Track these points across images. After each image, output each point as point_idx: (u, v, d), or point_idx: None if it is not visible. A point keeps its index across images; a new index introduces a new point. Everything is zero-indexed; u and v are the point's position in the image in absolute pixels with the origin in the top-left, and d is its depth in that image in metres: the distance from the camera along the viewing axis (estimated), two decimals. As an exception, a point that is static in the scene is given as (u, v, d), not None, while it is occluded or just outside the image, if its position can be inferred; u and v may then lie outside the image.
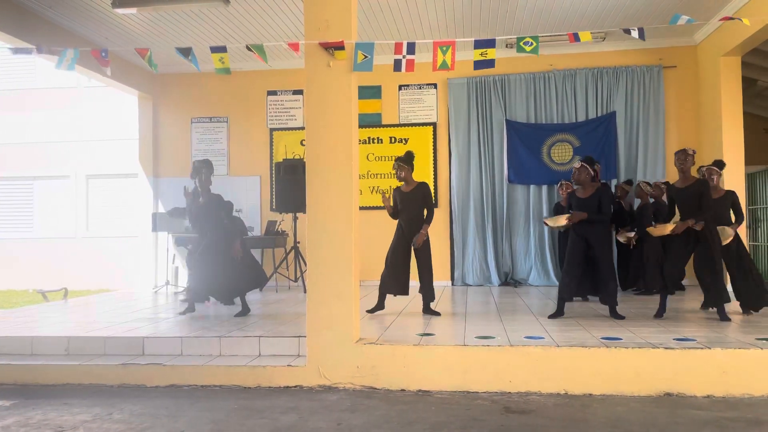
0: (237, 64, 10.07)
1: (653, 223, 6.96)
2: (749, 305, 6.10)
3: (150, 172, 10.32)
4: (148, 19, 8.09)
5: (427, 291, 6.40)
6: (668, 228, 5.70)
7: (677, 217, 5.93)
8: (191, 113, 10.34)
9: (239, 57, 9.77)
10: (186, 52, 5.15)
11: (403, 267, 6.38)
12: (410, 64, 4.92)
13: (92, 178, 13.47)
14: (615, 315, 5.89)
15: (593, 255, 5.88)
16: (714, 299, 5.79)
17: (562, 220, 6.02)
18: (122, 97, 11.60)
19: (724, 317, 5.69)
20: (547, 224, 6.59)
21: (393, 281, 6.37)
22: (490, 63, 4.84)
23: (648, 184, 7.92)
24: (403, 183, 6.42)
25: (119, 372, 4.89)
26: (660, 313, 5.87)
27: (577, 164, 6.01)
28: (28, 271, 13.11)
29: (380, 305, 6.49)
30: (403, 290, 6.42)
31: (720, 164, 6.45)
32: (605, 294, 5.95)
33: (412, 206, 6.35)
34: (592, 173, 5.96)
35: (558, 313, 5.98)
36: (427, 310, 6.45)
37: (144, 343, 5.27)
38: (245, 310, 6.51)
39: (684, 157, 5.76)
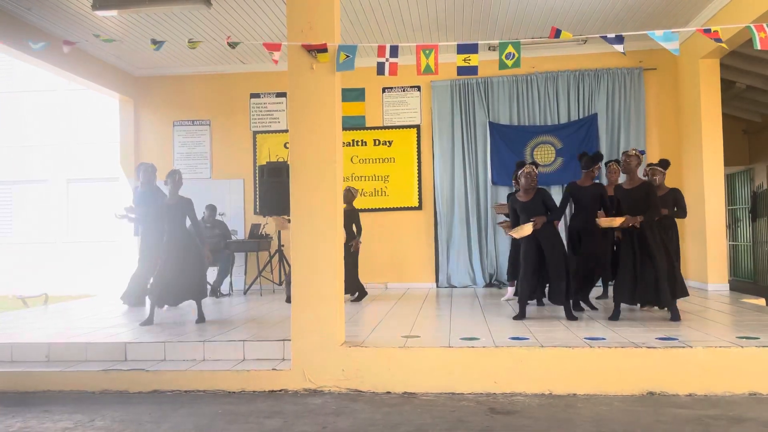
0: (219, 66, 10.03)
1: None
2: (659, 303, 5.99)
3: (131, 175, 10.20)
4: (129, 21, 8.01)
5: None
6: (617, 221, 5.65)
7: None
8: (173, 116, 10.26)
9: (222, 59, 9.73)
10: (158, 43, 5.19)
11: None
12: (393, 68, 4.92)
13: (72, 182, 13.32)
14: (570, 316, 5.86)
15: (545, 256, 5.92)
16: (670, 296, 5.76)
17: (527, 229, 5.87)
18: (103, 100, 11.51)
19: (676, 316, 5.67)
20: (512, 236, 6.13)
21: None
22: (473, 70, 4.84)
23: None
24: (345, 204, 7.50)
25: (101, 378, 4.83)
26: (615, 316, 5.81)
27: (527, 168, 6.07)
28: (7, 276, 12.93)
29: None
30: None
31: (664, 163, 6.54)
32: (557, 294, 5.92)
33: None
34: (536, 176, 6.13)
35: (521, 315, 5.97)
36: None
37: (126, 348, 5.21)
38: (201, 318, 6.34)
39: (626, 158, 5.78)
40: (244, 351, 5.11)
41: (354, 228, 7.73)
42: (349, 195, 7.76)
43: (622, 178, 6.74)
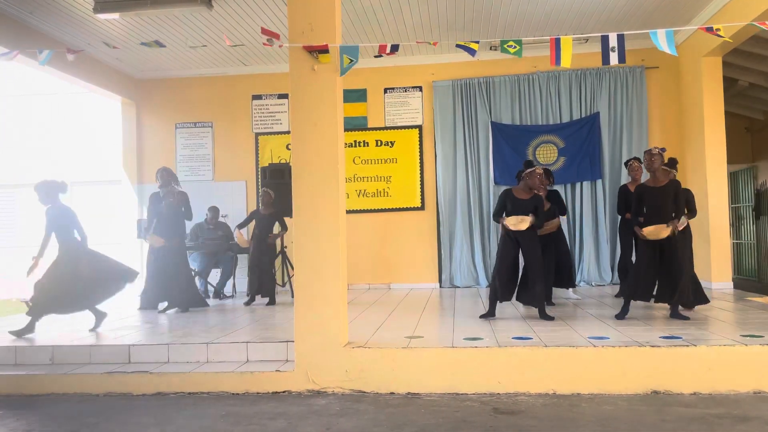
0: (221, 68, 10.05)
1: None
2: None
3: (134, 178, 10.24)
4: (131, 24, 8.03)
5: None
6: (666, 231, 5.59)
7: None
8: (175, 119, 10.27)
9: (223, 61, 9.74)
10: (157, 44, 5.23)
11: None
12: (392, 51, 5.05)
13: (75, 185, 13.32)
14: (544, 316, 5.89)
15: (523, 257, 5.93)
16: (694, 298, 5.86)
17: (525, 223, 5.88)
18: (105, 103, 11.52)
19: (680, 315, 5.69)
20: (507, 226, 5.97)
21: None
22: (471, 50, 4.90)
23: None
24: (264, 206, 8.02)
25: (105, 380, 4.84)
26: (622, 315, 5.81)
27: (539, 169, 6.10)
28: (11, 280, 12.95)
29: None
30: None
31: (673, 162, 6.54)
32: (533, 296, 5.95)
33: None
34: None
35: (490, 314, 6.01)
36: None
37: (130, 350, 5.22)
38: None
39: (650, 158, 5.75)
40: (247, 353, 5.12)
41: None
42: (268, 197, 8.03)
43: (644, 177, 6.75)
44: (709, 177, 8.33)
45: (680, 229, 5.76)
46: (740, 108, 10.73)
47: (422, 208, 9.71)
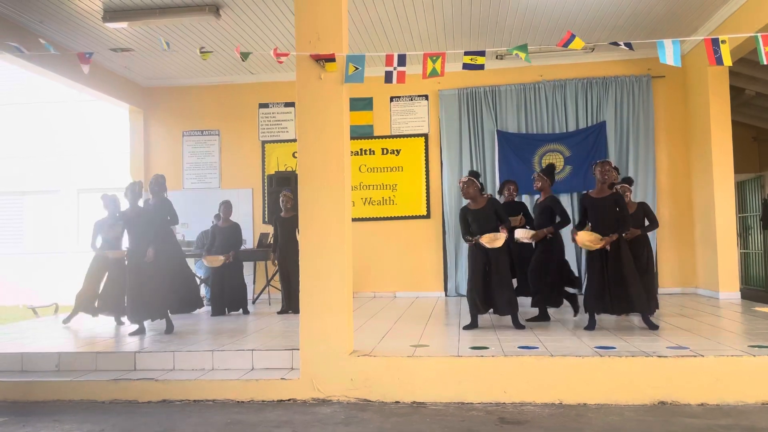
0: (228, 77, 10.11)
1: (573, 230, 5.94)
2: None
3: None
4: (139, 33, 8.10)
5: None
6: (601, 243, 5.62)
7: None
8: (182, 126, 10.33)
9: (230, 70, 9.80)
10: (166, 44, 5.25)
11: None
12: (401, 76, 4.97)
13: (83, 192, 13.42)
14: (516, 324, 5.92)
15: (490, 267, 5.93)
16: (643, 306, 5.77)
17: (501, 240, 5.81)
18: (113, 111, 11.61)
19: (651, 325, 5.69)
20: (483, 245, 5.93)
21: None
22: (479, 66, 4.86)
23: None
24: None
25: (110, 388, 4.84)
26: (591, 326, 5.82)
27: (464, 178, 6.05)
28: (18, 286, 13.01)
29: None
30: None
31: (629, 181, 6.70)
32: (504, 305, 5.92)
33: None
34: (479, 186, 6.02)
35: (472, 325, 6.03)
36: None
37: (135, 357, 5.22)
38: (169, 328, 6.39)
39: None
40: (252, 360, 5.12)
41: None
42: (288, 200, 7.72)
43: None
44: (716, 186, 8.30)
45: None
46: (747, 117, 10.70)
47: (428, 216, 9.72)
